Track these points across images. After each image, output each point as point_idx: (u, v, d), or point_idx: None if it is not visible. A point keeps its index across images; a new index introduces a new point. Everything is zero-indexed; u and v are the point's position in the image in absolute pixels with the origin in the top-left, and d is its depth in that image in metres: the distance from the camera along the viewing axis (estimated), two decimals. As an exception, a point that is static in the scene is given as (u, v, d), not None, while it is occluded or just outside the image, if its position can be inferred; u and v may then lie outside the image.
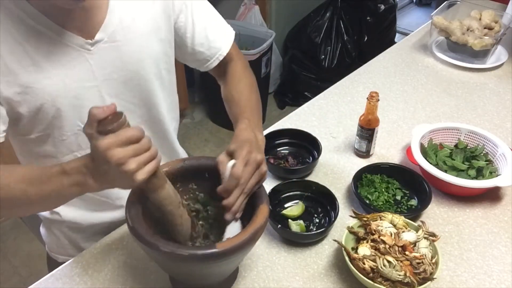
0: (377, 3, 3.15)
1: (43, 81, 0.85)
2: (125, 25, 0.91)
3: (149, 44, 0.96)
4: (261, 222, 0.79)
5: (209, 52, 1.06)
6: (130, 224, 0.78)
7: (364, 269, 0.87)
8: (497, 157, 1.17)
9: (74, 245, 1.14)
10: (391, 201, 1.11)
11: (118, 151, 0.68)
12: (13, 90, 0.83)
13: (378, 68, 1.67)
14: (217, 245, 0.74)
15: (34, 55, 0.83)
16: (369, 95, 1.16)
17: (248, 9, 2.97)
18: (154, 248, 0.74)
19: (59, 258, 1.17)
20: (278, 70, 3.29)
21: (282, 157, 1.25)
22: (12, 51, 0.82)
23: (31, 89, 0.84)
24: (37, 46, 0.83)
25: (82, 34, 0.87)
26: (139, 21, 0.93)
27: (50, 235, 1.16)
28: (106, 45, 0.89)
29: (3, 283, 2.15)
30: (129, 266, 0.98)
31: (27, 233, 2.41)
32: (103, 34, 0.89)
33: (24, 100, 0.85)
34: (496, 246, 1.02)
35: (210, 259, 0.74)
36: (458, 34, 1.65)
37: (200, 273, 0.80)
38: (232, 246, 0.75)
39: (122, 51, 0.92)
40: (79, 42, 0.87)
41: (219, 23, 1.08)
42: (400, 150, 1.29)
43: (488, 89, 1.55)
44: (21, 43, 0.82)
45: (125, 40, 0.91)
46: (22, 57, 0.83)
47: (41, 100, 0.86)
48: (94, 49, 0.88)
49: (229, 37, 1.09)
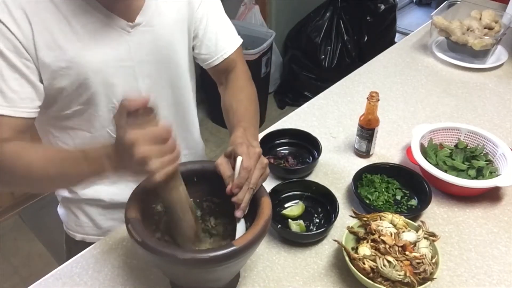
0: (377, 3, 3.15)
1: (86, 58, 0.90)
2: (160, 11, 0.97)
3: (178, 30, 1.02)
4: (268, 213, 0.81)
5: (215, 48, 1.10)
6: (139, 239, 0.76)
7: (364, 269, 0.87)
8: (497, 157, 1.17)
9: (93, 223, 1.16)
10: (391, 201, 1.11)
11: (144, 149, 0.69)
12: (60, 65, 0.88)
13: (378, 68, 1.67)
14: (233, 242, 0.75)
15: (80, 32, 0.88)
16: (369, 95, 1.16)
17: (248, 9, 2.98)
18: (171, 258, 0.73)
19: (76, 236, 1.18)
20: (278, 70, 3.29)
21: (282, 157, 1.25)
22: (60, 27, 0.87)
23: (75, 64, 0.89)
24: (83, 24, 0.88)
25: (124, 17, 0.92)
26: (172, 8, 1.00)
27: (68, 213, 1.17)
28: (144, 28, 0.95)
29: (3, 283, 2.15)
30: (129, 266, 0.98)
31: (27, 233, 2.41)
32: (142, 18, 0.95)
33: (68, 75, 0.89)
34: (496, 246, 1.02)
35: (232, 257, 0.74)
36: (458, 34, 1.65)
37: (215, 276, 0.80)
38: (248, 241, 0.75)
39: (157, 34, 0.98)
40: (122, 24, 0.92)
41: (229, 27, 1.14)
42: (400, 150, 1.29)
43: (488, 89, 1.55)
44: (69, 20, 0.87)
45: (160, 24, 0.98)
46: (69, 33, 0.87)
47: (84, 75, 0.91)
48: (133, 31, 0.94)
49: (236, 42, 1.14)
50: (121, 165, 0.74)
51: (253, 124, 1.02)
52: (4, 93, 0.84)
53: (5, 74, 0.84)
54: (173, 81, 1.07)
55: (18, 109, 0.86)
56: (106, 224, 1.15)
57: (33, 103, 0.89)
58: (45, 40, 0.86)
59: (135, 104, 0.69)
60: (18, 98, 0.86)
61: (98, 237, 1.12)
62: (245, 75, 1.14)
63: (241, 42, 1.15)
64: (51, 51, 0.87)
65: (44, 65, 0.87)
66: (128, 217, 0.79)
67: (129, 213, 0.80)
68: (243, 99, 1.08)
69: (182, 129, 1.17)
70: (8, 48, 0.83)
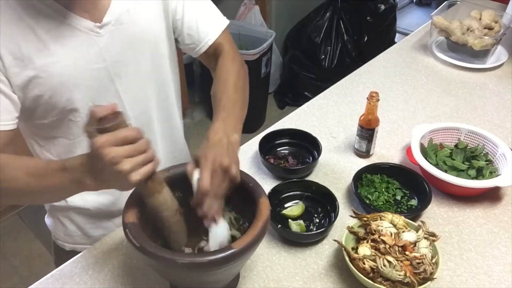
0: (377, 3, 3.15)
1: (55, 64, 0.88)
2: (130, 8, 0.95)
3: (152, 26, 0.99)
4: (267, 213, 0.80)
5: (198, 37, 1.07)
6: (137, 244, 0.75)
7: (364, 269, 0.87)
8: (497, 157, 1.17)
9: (82, 232, 1.15)
10: (391, 201, 1.11)
11: (111, 150, 0.68)
12: (28, 74, 0.86)
13: (378, 68, 1.67)
14: (232, 245, 0.74)
15: (45, 39, 0.86)
16: (369, 95, 1.16)
17: (248, 9, 2.97)
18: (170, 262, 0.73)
19: (66, 246, 1.17)
20: (278, 70, 3.29)
21: (282, 157, 1.25)
22: (25, 37, 0.85)
23: (45, 72, 0.87)
24: (47, 29, 0.86)
25: (90, 17, 0.90)
26: (141, 4, 0.97)
27: (56, 223, 1.16)
28: (113, 27, 0.93)
29: (3, 283, 2.15)
30: (129, 266, 0.98)
31: (27, 233, 2.41)
32: (110, 17, 0.92)
33: (39, 84, 0.87)
34: (496, 246, 1.02)
35: (230, 260, 0.74)
36: (458, 34, 1.65)
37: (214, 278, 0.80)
38: (247, 243, 0.75)
39: (128, 33, 0.95)
40: (88, 25, 0.90)
41: (211, 11, 1.09)
42: (400, 150, 1.29)
43: (488, 89, 1.55)
44: (33, 28, 0.85)
45: (131, 22, 0.95)
46: (35, 42, 0.85)
47: (56, 83, 0.89)
48: (102, 31, 0.92)
49: (220, 25, 1.09)
50: (96, 171, 0.73)
51: (235, 114, 0.96)
52: None
53: None
54: (152, 78, 1.04)
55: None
56: (95, 233, 1.13)
57: (11, 115, 0.87)
58: (11, 52, 0.84)
59: (102, 110, 0.69)
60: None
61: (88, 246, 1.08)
62: (233, 59, 1.08)
63: (227, 23, 1.11)
64: (19, 61, 0.85)
65: (13, 76, 0.86)
66: (126, 222, 0.78)
67: (127, 217, 0.79)
68: (228, 88, 1.02)
69: (165, 125, 1.14)
70: None
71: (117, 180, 0.72)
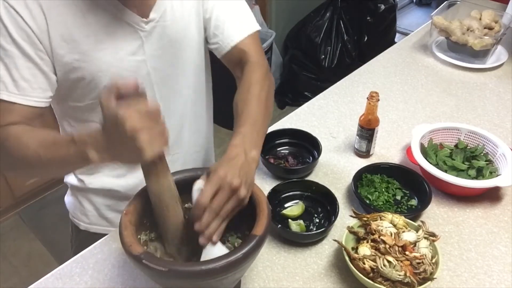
0: (377, 3, 3.15)
1: (100, 51, 0.92)
2: (172, 7, 0.99)
3: (190, 26, 1.03)
4: (267, 212, 0.80)
5: (222, 37, 1.06)
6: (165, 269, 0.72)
7: (364, 269, 0.87)
8: (497, 157, 1.17)
9: (97, 213, 1.17)
10: (391, 201, 1.11)
11: (136, 121, 0.68)
12: (73, 57, 0.90)
13: (378, 68, 1.67)
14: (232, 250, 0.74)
15: (94, 27, 0.90)
16: (369, 95, 1.16)
17: (248, 9, 2.98)
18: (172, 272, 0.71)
19: (81, 225, 1.20)
20: (278, 70, 3.29)
21: (282, 157, 1.25)
22: (75, 21, 0.88)
23: (89, 57, 0.91)
24: (98, 19, 0.90)
25: (138, 12, 0.94)
26: (181, 3, 1.01)
27: (75, 202, 1.19)
28: (157, 24, 0.97)
29: (3, 283, 2.16)
30: (129, 266, 0.98)
31: (27, 233, 2.41)
32: (156, 14, 0.96)
33: (81, 68, 0.91)
34: (496, 246, 1.02)
35: (235, 265, 0.73)
36: (458, 34, 1.65)
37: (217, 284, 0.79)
38: (250, 246, 0.74)
39: (170, 30, 0.99)
40: (136, 19, 0.94)
41: (242, 13, 1.07)
42: (400, 150, 1.29)
43: (488, 89, 1.55)
44: (84, 14, 0.89)
45: (171, 20, 0.99)
46: (84, 27, 0.89)
47: (97, 68, 0.93)
48: (147, 27, 0.96)
49: (247, 28, 1.06)
50: (108, 143, 0.73)
51: (256, 129, 0.92)
52: (16, 81, 0.86)
53: (18, 63, 0.86)
54: (184, 75, 1.08)
55: (29, 98, 0.88)
56: (110, 215, 1.16)
57: (45, 93, 0.91)
58: (60, 33, 0.87)
59: (127, 87, 0.69)
60: (29, 87, 0.88)
61: (101, 227, 1.16)
62: (258, 68, 1.04)
63: (256, 29, 1.07)
64: (66, 43, 0.88)
65: (58, 57, 0.89)
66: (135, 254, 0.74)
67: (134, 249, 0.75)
68: (250, 99, 0.97)
69: (197, 122, 1.18)
70: (23, 39, 0.85)
71: (129, 153, 0.71)
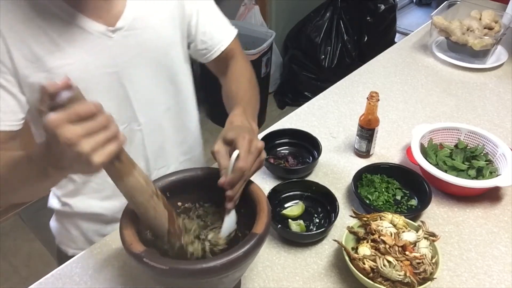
0: (377, 3, 3.15)
1: (68, 66, 0.87)
2: (143, 14, 0.95)
3: (165, 33, 1.00)
4: (267, 209, 0.80)
5: (211, 42, 1.09)
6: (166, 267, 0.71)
7: (364, 269, 0.87)
8: (497, 157, 1.17)
9: (85, 237, 1.15)
10: (391, 201, 1.11)
11: (67, 129, 0.58)
12: (40, 76, 0.86)
13: (378, 68, 1.67)
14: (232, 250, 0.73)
15: (58, 41, 0.86)
16: (369, 95, 1.16)
17: (248, 9, 2.98)
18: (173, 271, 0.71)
19: (69, 251, 1.17)
20: (278, 70, 3.29)
21: (282, 157, 1.25)
22: (37, 39, 0.84)
23: (56, 74, 0.86)
24: (60, 32, 0.86)
25: (104, 22, 0.90)
26: (156, 9, 0.97)
27: (61, 228, 1.16)
28: (126, 32, 0.93)
29: (3, 283, 2.15)
30: (129, 266, 0.98)
31: (27, 233, 2.41)
32: (124, 22, 0.92)
33: None
34: (496, 246, 1.02)
35: (236, 263, 0.73)
36: (458, 34, 1.65)
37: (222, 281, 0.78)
38: (251, 245, 0.74)
39: (142, 39, 0.95)
40: (101, 29, 0.90)
41: (222, 19, 1.13)
42: (400, 150, 1.29)
43: (488, 89, 1.55)
44: (45, 30, 0.85)
45: (144, 28, 0.95)
46: (47, 43, 0.85)
47: None
48: (115, 36, 0.92)
49: (231, 32, 1.13)
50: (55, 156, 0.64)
51: (252, 106, 1.02)
52: None
53: None
54: (165, 84, 1.04)
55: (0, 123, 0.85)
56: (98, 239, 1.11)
57: (16, 116, 0.87)
58: (22, 53, 0.84)
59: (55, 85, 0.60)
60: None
61: None
62: (244, 62, 1.15)
63: (236, 32, 1.15)
64: (30, 63, 0.85)
65: (23, 77, 0.85)
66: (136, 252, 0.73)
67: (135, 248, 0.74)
68: (243, 82, 1.09)
69: (180, 133, 1.14)
70: None
71: (78, 164, 0.62)
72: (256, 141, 0.83)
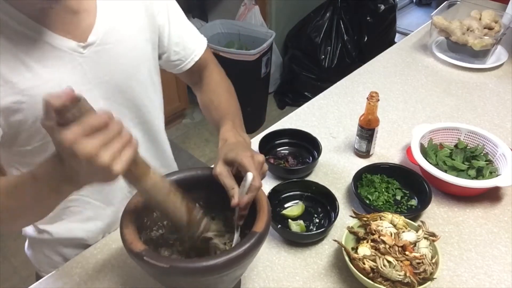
0: (377, 3, 3.15)
1: (39, 87, 0.81)
2: (114, 27, 0.90)
3: (137, 45, 0.95)
4: (267, 208, 0.80)
5: (184, 53, 1.06)
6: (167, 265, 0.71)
7: (364, 269, 0.87)
8: (497, 157, 1.17)
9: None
10: (391, 201, 1.11)
11: (86, 144, 0.58)
12: (11, 99, 0.80)
13: (378, 68, 1.67)
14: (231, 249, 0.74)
15: (28, 61, 0.80)
16: (369, 95, 1.16)
17: (248, 9, 2.98)
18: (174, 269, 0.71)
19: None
20: (278, 70, 3.29)
21: (282, 157, 1.25)
22: (5, 62, 0.79)
23: (28, 96, 0.81)
24: (29, 52, 0.80)
25: (74, 37, 0.85)
26: (126, 22, 0.93)
27: (39, 255, 1.10)
28: (98, 48, 0.88)
29: (3, 283, 2.15)
30: (129, 266, 0.98)
31: (27, 233, 2.41)
32: (95, 37, 0.87)
33: (21, 109, 0.81)
34: (496, 246, 1.02)
35: (235, 263, 0.73)
36: (458, 34, 1.65)
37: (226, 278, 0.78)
38: (251, 243, 0.74)
39: (114, 53, 0.91)
40: (71, 45, 0.84)
41: (192, 28, 1.10)
42: (400, 150, 1.29)
43: (488, 89, 1.55)
44: (13, 52, 0.79)
45: (116, 42, 0.90)
46: (16, 65, 0.79)
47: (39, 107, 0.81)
48: (86, 52, 0.86)
49: (203, 42, 1.11)
50: (72, 172, 0.63)
51: (238, 116, 1.02)
52: None
53: None
54: (137, 99, 0.99)
55: None
56: None
57: None
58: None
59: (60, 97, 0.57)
60: None
61: None
62: (219, 71, 1.13)
63: (206, 41, 1.12)
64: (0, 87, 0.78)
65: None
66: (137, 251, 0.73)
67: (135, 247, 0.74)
68: (222, 93, 1.07)
69: (153, 148, 1.10)
70: None
71: (98, 175, 0.62)
72: (257, 155, 0.85)
